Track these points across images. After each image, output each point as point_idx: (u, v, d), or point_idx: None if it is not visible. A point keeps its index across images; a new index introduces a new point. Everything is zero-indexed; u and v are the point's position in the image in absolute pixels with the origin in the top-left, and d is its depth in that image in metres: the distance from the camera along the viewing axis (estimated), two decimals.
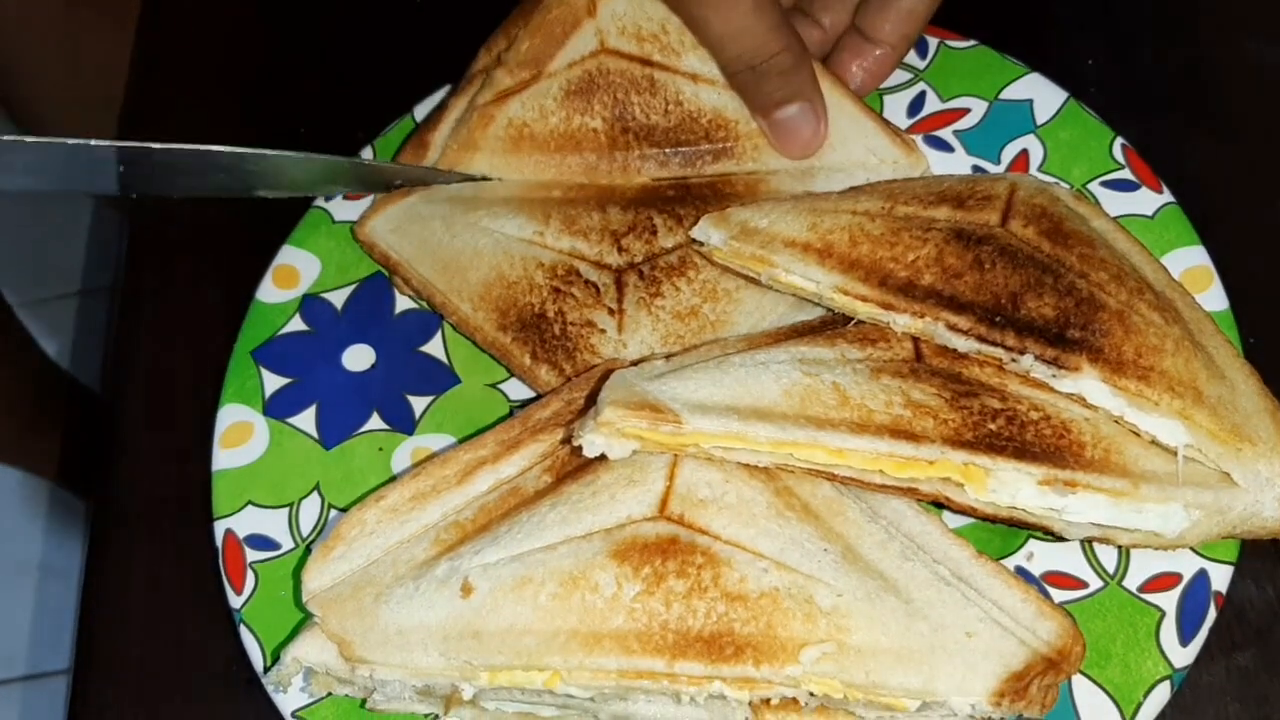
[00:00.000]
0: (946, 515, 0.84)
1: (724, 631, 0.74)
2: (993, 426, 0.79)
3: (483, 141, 0.98)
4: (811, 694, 0.74)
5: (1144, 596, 0.82)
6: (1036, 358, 0.80)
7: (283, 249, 1.00)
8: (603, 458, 0.78)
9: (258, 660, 0.85)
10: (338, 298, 0.99)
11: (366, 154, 1.04)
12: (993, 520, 0.81)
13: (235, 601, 0.87)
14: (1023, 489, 0.79)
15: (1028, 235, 0.84)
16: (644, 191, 0.97)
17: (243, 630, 0.86)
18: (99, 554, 0.95)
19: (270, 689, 0.81)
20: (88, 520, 0.99)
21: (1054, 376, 0.80)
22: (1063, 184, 0.93)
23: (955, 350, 0.82)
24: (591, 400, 0.82)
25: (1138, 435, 0.80)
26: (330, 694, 0.82)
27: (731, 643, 0.74)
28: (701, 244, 0.90)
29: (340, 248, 1.00)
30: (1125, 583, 0.83)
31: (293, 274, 1.00)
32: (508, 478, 0.83)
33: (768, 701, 0.76)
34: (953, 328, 0.81)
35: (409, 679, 0.77)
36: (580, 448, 0.78)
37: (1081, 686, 0.80)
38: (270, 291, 0.99)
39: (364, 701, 0.82)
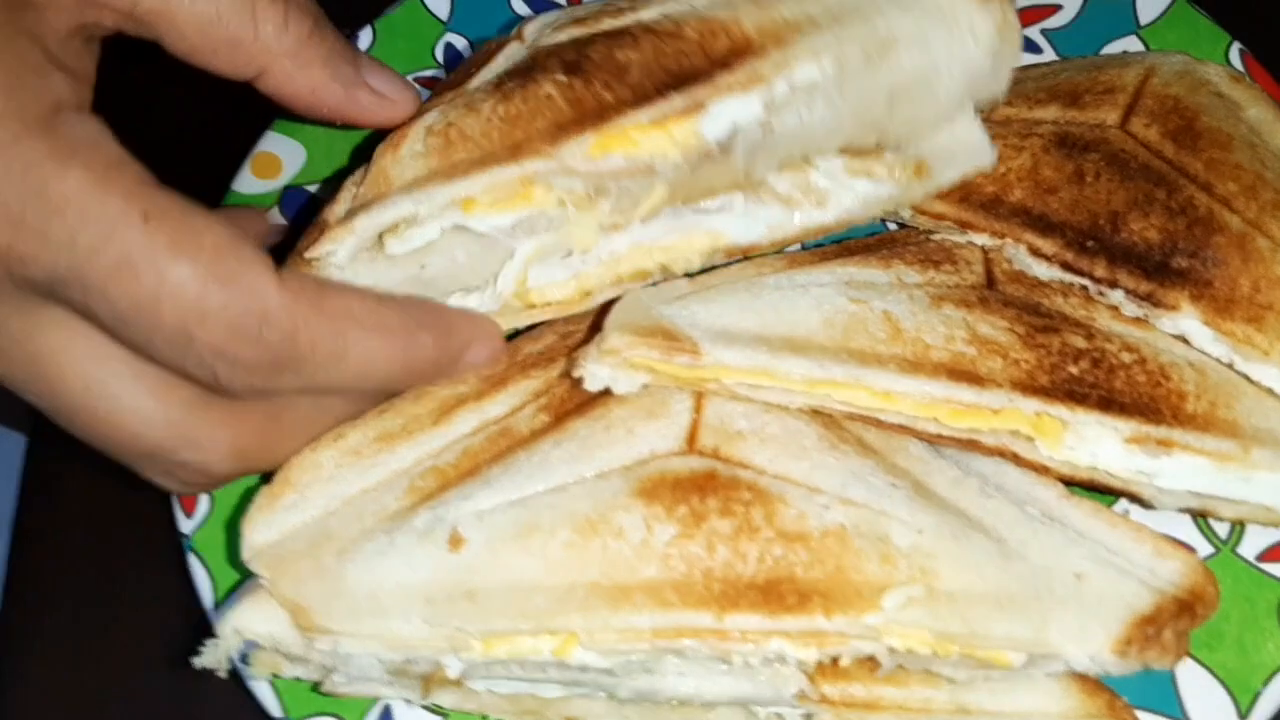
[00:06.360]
0: None
1: (784, 577, 0.61)
2: (1074, 370, 0.68)
3: None
4: (893, 649, 0.61)
5: (1262, 566, 0.73)
6: (1128, 292, 0.71)
7: (266, 135, 0.87)
8: (609, 392, 0.66)
9: (207, 595, 0.72)
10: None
11: (365, 35, 0.92)
12: (1067, 482, 0.70)
13: (185, 526, 0.74)
14: (1106, 447, 0.69)
15: (1149, 137, 0.76)
16: None
17: (191, 559, 0.73)
18: (33, 489, 0.88)
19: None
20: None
21: (1148, 315, 0.71)
22: (1213, 65, 0.82)
23: (1036, 277, 0.74)
24: (596, 328, 0.69)
25: (1252, 383, 0.71)
26: (276, 677, 0.67)
27: (794, 590, 0.61)
28: None
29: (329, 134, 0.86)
30: (1240, 550, 0.74)
31: (274, 162, 0.86)
32: (495, 417, 0.70)
33: (835, 661, 0.62)
34: (1035, 252, 0.73)
35: (383, 653, 0.62)
36: (581, 380, 0.66)
37: (1188, 672, 0.69)
38: (248, 181, 0.86)
39: (316, 685, 0.67)
